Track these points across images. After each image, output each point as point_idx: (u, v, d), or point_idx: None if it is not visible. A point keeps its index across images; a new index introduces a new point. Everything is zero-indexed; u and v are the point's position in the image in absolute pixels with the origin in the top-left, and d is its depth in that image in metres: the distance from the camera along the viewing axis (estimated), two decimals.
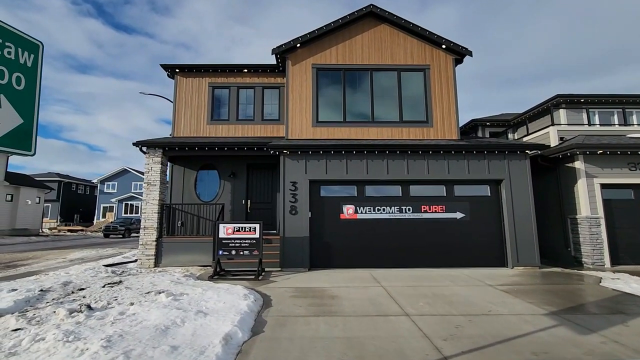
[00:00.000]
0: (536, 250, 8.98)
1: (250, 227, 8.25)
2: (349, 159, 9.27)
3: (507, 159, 9.35)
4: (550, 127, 11.91)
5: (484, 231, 9.24)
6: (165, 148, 10.14)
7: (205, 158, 11.57)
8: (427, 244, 9.12)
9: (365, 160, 9.26)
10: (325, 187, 9.34)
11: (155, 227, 9.82)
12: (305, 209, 9.04)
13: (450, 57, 11.31)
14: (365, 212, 9.20)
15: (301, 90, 10.97)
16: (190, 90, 12.18)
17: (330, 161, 9.24)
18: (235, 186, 11.56)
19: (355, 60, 11.20)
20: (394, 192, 9.37)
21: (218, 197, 11.51)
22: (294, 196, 9.08)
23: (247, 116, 12.16)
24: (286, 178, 9.20)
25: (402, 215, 9.21)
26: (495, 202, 9.39)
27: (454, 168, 9.30)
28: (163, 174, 10.29)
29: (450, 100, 11.05)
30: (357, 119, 10.98)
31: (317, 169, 9.21)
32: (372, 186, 9.37)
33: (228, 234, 8.20)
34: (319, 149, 9.12)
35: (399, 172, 9.25)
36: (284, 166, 9.26)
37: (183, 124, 11.97)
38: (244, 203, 11.49)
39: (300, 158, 9.26)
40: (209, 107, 12.08)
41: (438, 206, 9.27)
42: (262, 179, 11.76)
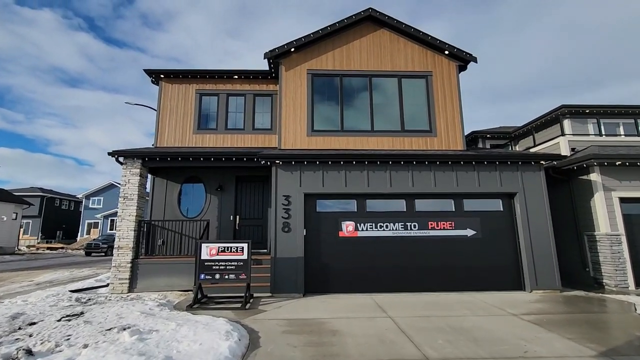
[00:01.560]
0: (556, 271, 8.10)
1: (237, 247, 7.24)
2: (348, 170, 8.39)
3: (521, 171, 8.57)
4: (560, 138, 11.27)
5: (497, 250, 8.35)
6: (145, 158, 9.16)
7: (190, 170, 10.61)
8: (436, 265, 8.18)
9: (366, 172, 8.40)
10: (322, 202, 8.42)
11: (131, 247, 8.73)
12: (300, 226, 8.08)
13: (454, 64, 10.68)
14: (366, 229, 8.27)
15: (295, 97, 10.18)
16: (175, 97, 11.31)
17: (328, 173, 8.36)
18: (222, 201, 10.57)
19: (353, 65, 10.50)
20: (398, 206, 8.49)
21: (203, 212, 10.49)
22: (287, 212, 8.13)
23: (236, 125, 11.30)
24: (278, 191, 8.26)
25: (407, 232, 8.30)
26: (509, 218, 8.55)
27: (463, 180, 8.48)
28: (142, 187, 9.27)
29: (454, 109, 10.35)
30: (356, 128, 10.19)
31: (312, 182, 8.31)
32: (373, 200, 8.48)
33: (211, 255, 7.18)
34: (315, 159, 8.25)
35: (403, 185, 8.39)
36: (276, 178, 8.34)
37: (167, 134, 11.04)
38: (232, 219, 10.48)
39: (294, 169, 8.36)
40: (196, 116, 11.20)
41: (446, 222, 8.39)
42: (252, 193, 10.81)
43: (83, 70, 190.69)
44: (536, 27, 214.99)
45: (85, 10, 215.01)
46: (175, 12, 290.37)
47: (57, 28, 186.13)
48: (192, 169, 10.53)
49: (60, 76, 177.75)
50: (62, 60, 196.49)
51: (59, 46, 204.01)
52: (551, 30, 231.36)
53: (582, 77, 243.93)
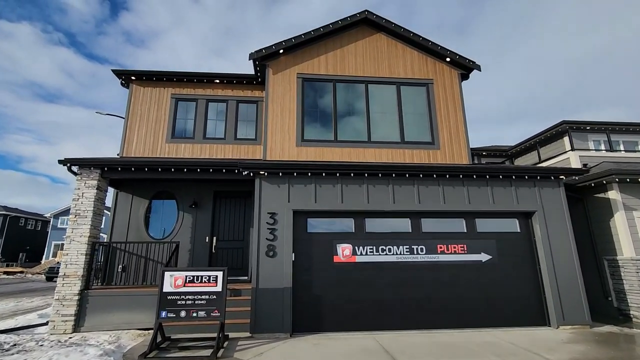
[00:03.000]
0: (584, 304, 6.99)
1: (209, 276, 5.84)
2: (344, 184, 7.21)
3: (538, 187, 7.59)
4: (570, 153, 10.51)
5: (516, 278, 7.22)
6: (104, 168, 7.75)
7: (160, 183, 9.20)
8: (447, 296, 6.95)
9: (365, 186, 7.24)
10: (314, 221, 7.16)
11: (81, 275, 7.16)
12: (287, 249, 6.76)
13: (456, 72, 9.89)
14: (365, 254, 7.02)
15: (284, 103, 9.08)
16: (148, 102, 10.03)
17: (321, 186, 7.15)
18: (197, 219, 9.15)
19: (348, 70, 9.55)
20: (402, 226, 7.31)
21: (174, 233, 9.03)
22: (272, 232, 6.82)
23: (216, 135, 10.05)
24: (262, 208, 6.97)
25: (413, 257, 7.09)
26: (527, 240, 7.48)
27: (476, 197, 7.42)
28: (99, 202, 7.80)
29: (458, 119, 9.46)
30: (351, 138, 9.12)
31: (303, 197, 7.07)
32: (374, 219, 7.28)
33: (177, 286, 5.75)
34: (307, 170, 7.04)
35: (408, 201, 7.25)
36: (260, 192, 7.06)
37: (136, 142, 9.67)
38: (208, 241, 9.04)
39: (282, 182, 7.12)
40: (170, 123, 9.91)
41: (458, 245, 7.24)
42: (232, 211, 9.44)
43: (62, 85, 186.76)
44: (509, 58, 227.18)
45: (66, 26, 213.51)
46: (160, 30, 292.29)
47: (35, 42, 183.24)
48: (162, 182, 9.14)
49: (37, 91, 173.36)
50: (40, 75, 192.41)
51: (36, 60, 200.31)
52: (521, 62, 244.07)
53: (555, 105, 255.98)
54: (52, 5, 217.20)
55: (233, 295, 7.37)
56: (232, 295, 7.35)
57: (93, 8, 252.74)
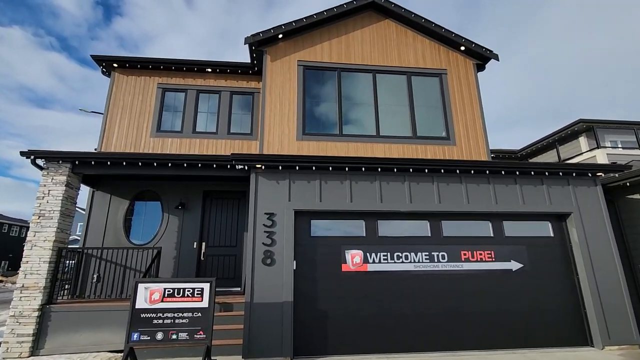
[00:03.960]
0: (632, 319, 6.04)
1: (193, 288, 4.79)
2: (354, 181, 6.24)
3: (572, 185, 6.70)
4: (597, 151, 9.67)
5: (551, 289, 6.26)
6: (75, 162, 6.71)
7: (142, 182, 8.16)
8: (474, 310, 5.96)
9: (377, 183, 6.27)
10: (319, 223, 6.16)
11: (42, 286, 6.06)
12: (288, 255, 5.75)
13: (471, 62, 9.06)
14: (378, 261, 6.02)
15: (283, 93, 8.15)
16: (131, 92, 9.03)
17: (327, 183, 6.17)
18: (184, 222, 8.10)
19: (353, 59, 8.66)
20: (420, 230, 6.34)
21: (158, 237, 7.96)
22: (270, 236, 5.81)
23: (207, 129, 9.06)
24: (259, 207, 5.96)
25: (433, 265, 6.11)
26: (561, 246, 6.54)
27: (503, 196, 6.49)
28: (69, 201, 6.74)
29: (474, 113, 8.60)
30: (358, 132, 8.19)
31: (306, 195, 6.08)
32: (388, 221, 6.30)
33: (153, 301, 4.69)
34: (311, 164, 6.06)
35: (427, 201, 6.30)
36: (256, 189, 6.06)
37: (117, 136, 8.64)
38: (196, 247, 7.98)
39: (282, 177, 6.13)
40: (157, 115, 8.91)
41: (484, 251, 6.28)
42: (224, 213, 8.41)
43: (53, 89, 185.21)
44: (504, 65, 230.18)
45: (58, 30, 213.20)
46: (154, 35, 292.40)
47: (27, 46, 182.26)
48: (145, 180, 8.10)
49: (27, 95, 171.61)
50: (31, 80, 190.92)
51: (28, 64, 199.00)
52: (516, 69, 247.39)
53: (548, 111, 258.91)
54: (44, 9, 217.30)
55: (223, 310, 6.32)
56: (222, 310, 6.29)
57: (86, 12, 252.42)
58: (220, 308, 6.30)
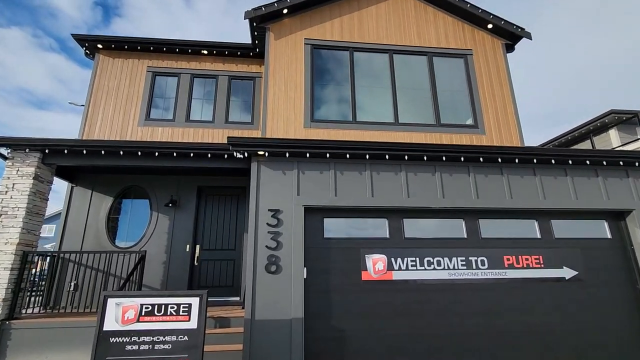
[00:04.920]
0: None
1: (178, 304, 3.76)
2: (375, 172, 5.22)
3: (633, 177, 5.66)
4: (631, 145, 8.62)
5: (611, 302, 5.22)
6: (45, 151, 5.70)
7: (127, 176, 7.16)
8: (522, 329, 4.92)
9: (403, 174, 5.25)
10: (334, 222, 5.14)
11: (2, 298, 5.05)
12: (297, 261, 4.72)
13: (499, 42, 8.06)
14: (406, 268, 4.99)
15: (288, 75, 7.15)
16: (118, 76, 8.04)
17: (343, 174, 5.15)
18: (176, 222, 7.09)
19: (367, 37, 7.67)
20: (454, 230, 5.31)
21: (146, 240, 6.95)
22: (275, 237, 4.79)
23: (203, 117, 8.07)
24: (261, 203, 4.93)
25: (471, 273, 5.07)
26: (620, 250, 5.50)
27: (552, 190, 5.46)
28: (38, 197, 5.74)
29: (505, 98, 7.59)
30: (374, 118, 7.18)
31: (318, 188, 5.06)
32: (415, 220, 5.27)
33: (127, 321, 3.66)
34: (325, 150, 5.04)
35: (462, 196, 5.27)
36: (257, 182, 5.04)
37: (100, 124, 7.65)
38: (189, 251, 6.96)
39: (289, 167, 5.11)
40: (146, 102, 7.92)
41: (531, 256, 5.24)
42: (220, 212, 7.40)
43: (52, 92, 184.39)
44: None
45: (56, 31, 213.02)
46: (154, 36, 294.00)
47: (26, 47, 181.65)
48: (130, 174, 7.10)
49: (26, 97, 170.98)
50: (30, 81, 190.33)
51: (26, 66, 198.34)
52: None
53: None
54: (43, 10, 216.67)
55: (219, 326, 5.29)
56: (217, 326, 5.27)
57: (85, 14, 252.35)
58: (215, 324, 5.28)
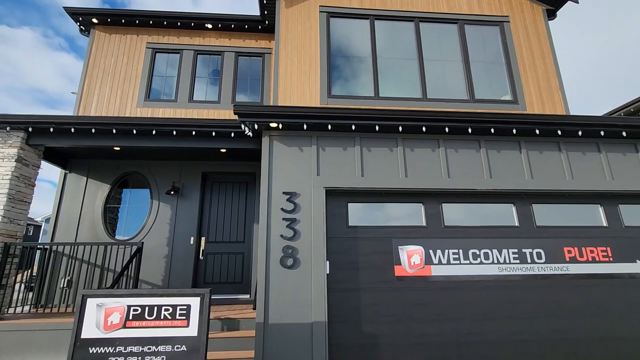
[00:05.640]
0: None
1: (174, 306, 3.02)
2: (409, 148, 4.40)
3: None
4: None
5: None
6: (29, 129, 5.03)
7: (125, 161, 6.49)
8: (590, 336, 4.07)
9: (442, 151, 4.42)
10: (360, 207, 4.34)
11: None
12: (318, 253, 3.94)
13: (539, 7, 7.12)
14: (447, 262, 4.18)
15: (302, 46, 6.34)
16: (114, 53, 7.35)
17: (370, 151, 4.35)
18: (179, 212, 6.39)
19: (390, 4, 6.81)
20: (504, 217, 4.47)
21: (146, 231, 6.27)
22: (291, 225, 4.01)
23: (207, 97, 7.34)
24: (274, 185, 4.16)
25: (525, 268, 4.24)
26: None
27: (620, 169, 4.57)
28: (23, 182, 5.08)
29: (548, 70, 6.66)
30: (399, 93, 6.34)
31: (341, 167, 4.27)
32: (457, 204, 4.45)
33: (111, 326, 2.94)
34: (349, 121, 4.22)
35: (513, 176, 4.42)
36: (269, 160, 4.26)
37: (96, 104, 6.98)
38: (194, 243, 6.26)
39: (306, 142, 4.32)
40: (145, 81, 7.22)
41: (597, 248, 4.38)
42: (228, 200, 6.68)
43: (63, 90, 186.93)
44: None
45: (65, 30, 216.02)
46: None
47: (36, 46, 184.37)
48: (128, 160, 6.42)
49: (38, 96, 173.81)
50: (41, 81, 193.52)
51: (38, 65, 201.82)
52: None
53: None
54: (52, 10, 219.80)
55: (226, 328, 4.57)
56: (224, 328, 4.55)
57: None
58: (221, 326, 4.57)
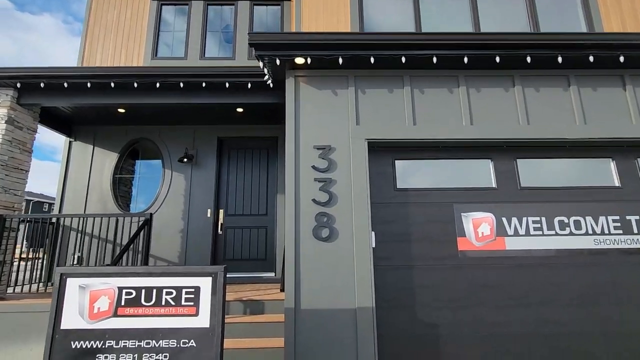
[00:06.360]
0: None
1: (177, 288, 2.28)
2: (473, 87, 3.40)
3: None
4: None
5: None
6: (17, 85, 4.36)
7: (134, 127, 5.81)
8: None
9: (518, 90, 3.39)
10: (411, 165, 3.44)
11: None
12: (360, 221, 3.10)
13: None
14: (525, 233, 3.25)
15: None
16: (117, 6, 6.55)
17: (424, 93, 3.38)
18: (193, 182, 5.71)
19: None
20: (600, 175, 3.45)
21: (159, 203, 5.64)
22: (325, 187, 3.17)
23: (221, 52, 6.47)
24: (302, 137, 3.30)
25: (629, 240, 3.25)
26: None
27: None
28: (16, 146, 4.49)
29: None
30: (444, 27, 5.23)
31: (386, 115, 3.34)
32: (536, 160, 3.46)
33: (98, 314, 2.25)
34: (398, 52, 3.25)
35: (611, 120, 3.36)
36: (296, 107, 3.38)
37: (99, 63, 6.27)
38: (211, 216, 5.58)
39: (342, 84, 3.40)
40: (152, 36, 6.41)
41: None
42: (248, 169, 5.92)
43: None
44: None
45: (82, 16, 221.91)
46: None
47: (57, 33, 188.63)
48: (137, 125, 5.73)
49: None
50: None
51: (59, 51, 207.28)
52: None
53: None
54: None
55: (249, 312, 3.89)
56: (246, 312, 3.87)
57: None
58: (244, 309, 3.89)
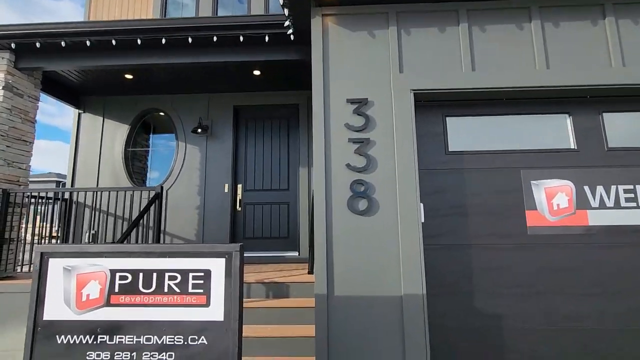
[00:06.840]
0: None
1: (183, 271, 1.81)
2: (549, 22, 2.66)
3: None
4: None
5: None
6: (12, 45, 3.92)
7: (144, 97, 5.36)
8: None
9: (606, 23, 2.64)
10: (467, 123, 2.79)
11: None
12: (406, 191, 2.52)
13: None
14: (614, 205, 2.59)
15: None
16: None
17: (485, 31, 2.68)
18: (209, 155, 5.25)
19: None
20: None
21: (174, 177, 5.24)
22: (362, 149, 2.59)
23: (236, 10, 5.85)
24: (332, 89, 2.70)
25: None
26: None
27: None
28: (17, 115, 4.11)
29: None
30: None
31: (436, 59, 2.68)
32: (628, 114, 2.74)
33: (87, 303, 1.82)
34: None
35: None
36: (324, 53, 2.76)
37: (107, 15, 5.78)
38: (228, 191, 5.14)
39: (379, 23, 2.74)
40: None
41: None
42: (267, 141, 5.40)
43: None
44: None
45: None
46: None
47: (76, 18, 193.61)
48: (146, 94, 5.28)
49: None
50: None
51: None
52: None
53: None
54: None
55: (272, 295, 3.45)
56: (269, 295, 3.44)
57: None
58: (266, 292, 3.45)
